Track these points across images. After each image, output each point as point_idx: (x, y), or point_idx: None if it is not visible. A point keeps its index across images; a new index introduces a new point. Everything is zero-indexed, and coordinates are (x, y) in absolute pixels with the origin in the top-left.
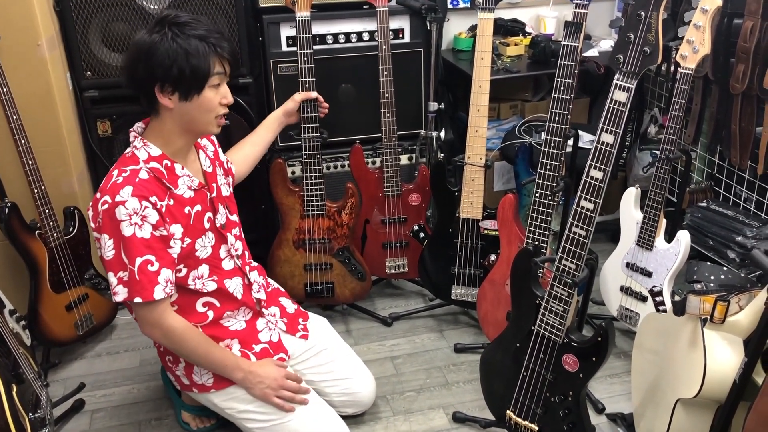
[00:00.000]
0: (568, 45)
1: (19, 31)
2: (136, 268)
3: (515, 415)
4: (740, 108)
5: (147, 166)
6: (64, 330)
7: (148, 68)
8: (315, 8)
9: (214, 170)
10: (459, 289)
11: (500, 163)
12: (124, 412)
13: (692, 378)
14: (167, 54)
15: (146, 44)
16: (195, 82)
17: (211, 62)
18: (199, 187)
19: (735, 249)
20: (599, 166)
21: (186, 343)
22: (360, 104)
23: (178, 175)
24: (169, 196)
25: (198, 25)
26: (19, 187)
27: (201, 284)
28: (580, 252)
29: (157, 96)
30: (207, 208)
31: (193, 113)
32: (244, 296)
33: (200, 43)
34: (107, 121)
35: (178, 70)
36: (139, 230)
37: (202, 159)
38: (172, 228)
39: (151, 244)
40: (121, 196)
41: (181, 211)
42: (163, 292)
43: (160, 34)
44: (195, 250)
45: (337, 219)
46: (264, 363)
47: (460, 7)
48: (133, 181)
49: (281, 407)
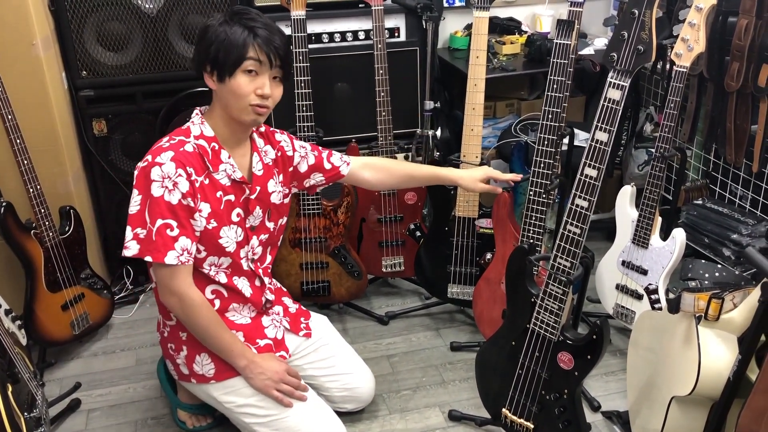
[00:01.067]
0: (561, 43)
1: (14, 31)
2: (155, 228)
3: (511, 413)
4: (735, 106)
5: (195, 142)
6: (59, 329)
7: (198, 50)
8: (310, 7)
9: (267, 175)
10: (455, 288)
11: (496, 162)
12: (120, 412)
13: (687, 375)
14: (212, 37)
15: (202, 28)
16: (227, 63)
17: (245, 48)
18: (240, 181)
19: (730, 247)
20: (593, 164)
21: (200, 318)
22: (356, 103)
23: (221, 160)
24: (206, 175)
25: (255, 17)
26: (14, 187)
27: (215, 272)
28: (575, 250)
29: (204, 77)
30: (239, 203)
31: (227, 97)
32: (253, 296)
33: (242, 30)
34: (103, 121)
35: (215, 51)
36: (168, 194)
37: (255, 161)
38: (200, 204)
39: (176, 210)
40: (161, 158)
41: (214, 193)
42: (176, 259)
43: (217, 20)
44: (219, 237)
45: (333, 218)
46: (267, 356)
47: (456, 5)
48: (177, 149)
49: (280, 400)
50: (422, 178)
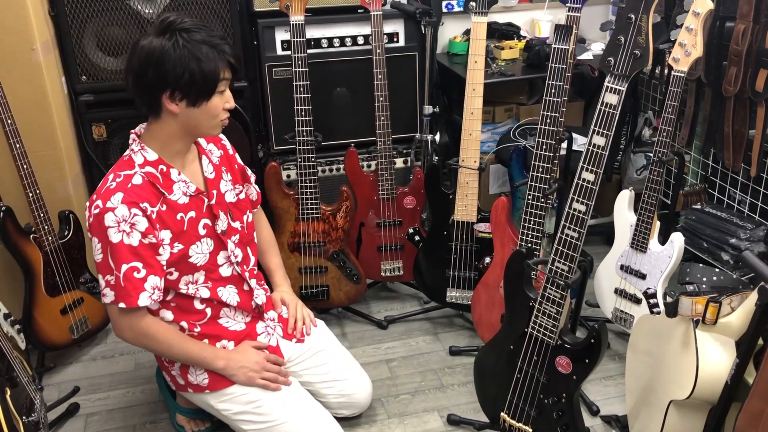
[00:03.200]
0: (560, 48)
1: (14, 36)
2: (121, 275)
3: (509, 417)
4: (733, 111)
5: (142, 171)
6: (58, 334)
7: (159, 75)
8: (309, 12)
9: (217, 176)
10: (454, 292)
11: (495, 166)
12: (119, 416)
13: (685, 379)
14: (179, 61)
15: (156, 50)
16: (205, 89)
17: (219, 68)
18: (196, 193)
19: (729, 251)
20: (591, 168)
21: (158, 345)
22: (355, 108)
23: (173, 180)
24: (162, 201)
25: (204, 30)
26: (13, 191)
27: (194, 289)
28: (573, 254)
29: (164, 102)
30: (203, 214)
31: (198, 118)
32: (241, 303)
33: (210, 50)
34: (102, 125)
35: (190, 77)
36: (126, 237)
37: (205, 165)
38: (161, 234)
39: (138, 252)
40: (112, 203)
41: (173, 217)
42: (148, 299)
43: (171, 40)
44: (189, 256)
45: (332, 222)
46: (243, 349)
47: (455, 11)
48: (125, 187)
49: (266, 387)
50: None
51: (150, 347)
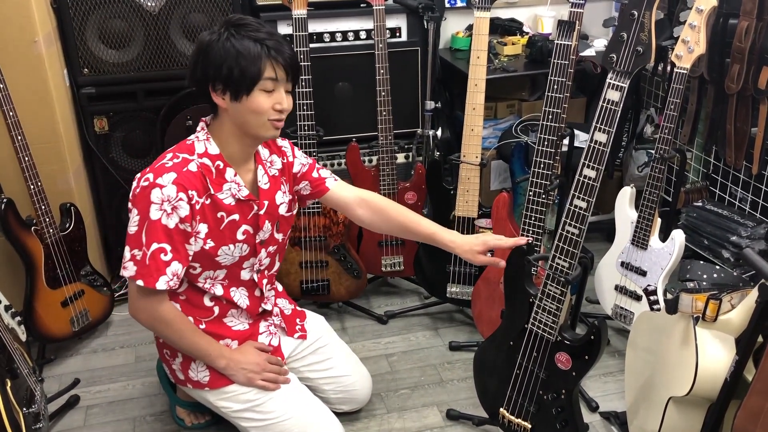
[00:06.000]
0: (562, 44)
1: (16, 28)
2: (149, 252)
3: (508, 413)
4: (735, 108)
5: (199, 160)
6: (59, 326)
7: (203, 67)
8: (312, 6)
9: (273, 188)
10: (454, 288)
11: (497, 162)
12: (119, 408)
13: (684, 376)
14: (219, 53)
15: (204, 44)
16: (243, 83)
17: (262, 65)
18: (246, 199)
19: (730, 249)
20: (592, 164)
21: (171, 333)
22: (357, 102)
23: (226, 179)
24: (208, 196)
25: (258, 28)
26: (15, 184)
27: (210, 284)
28: (574, 250)
29: (211, 95)
30: (247, 221)
31: (244, 115)
32: (249, 307)
33: (254, 45)
34: (104, 118)
35: (228, 70)
36: (165, 217)
37: (260, 175)
38: (198, 226)
39: (172, 234)
40: (163, 180)
41: (214, 214)
42: (166, 284)
43: (219, 33)
44: (217, 255)
45: (333, 217)
46: (245, 350)
47: (458, 5)
48: (180, 169)
49: (266, 388)
50: (419, 234)
51: (160, 332)
